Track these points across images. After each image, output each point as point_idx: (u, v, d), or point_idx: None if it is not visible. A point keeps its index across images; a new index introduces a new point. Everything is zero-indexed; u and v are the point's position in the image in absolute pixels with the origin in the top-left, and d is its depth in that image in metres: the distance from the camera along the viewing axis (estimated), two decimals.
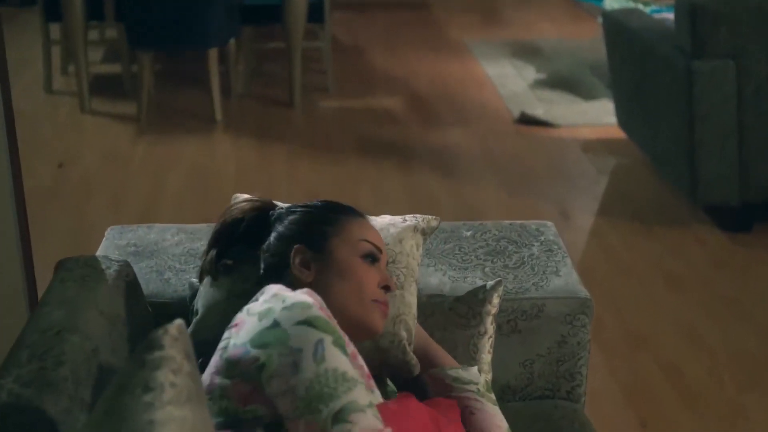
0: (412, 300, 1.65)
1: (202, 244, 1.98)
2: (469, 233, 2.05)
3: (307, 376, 1.22)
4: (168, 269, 1.90)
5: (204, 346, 1.61)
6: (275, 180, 4.10)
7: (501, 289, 1.74)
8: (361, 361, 1.35)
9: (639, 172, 4.19)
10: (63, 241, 3.55)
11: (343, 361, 1.26)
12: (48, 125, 4.85)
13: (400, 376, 1.62)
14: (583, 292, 1.86)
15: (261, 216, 1.64)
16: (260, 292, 1.39)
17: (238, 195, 1.80)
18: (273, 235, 1.56)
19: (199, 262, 1.91)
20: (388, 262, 1.64)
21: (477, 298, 1.72)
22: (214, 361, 1.34)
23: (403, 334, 1.60)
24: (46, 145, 4.53)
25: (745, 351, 2.87)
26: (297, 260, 1.51)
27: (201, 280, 1.67)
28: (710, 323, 3.01)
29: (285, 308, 1.30)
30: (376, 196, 3.95)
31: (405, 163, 4.29)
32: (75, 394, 1.37)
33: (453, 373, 1.61)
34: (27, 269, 2.46)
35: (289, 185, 4.04)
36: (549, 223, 2.11)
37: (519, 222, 2.11)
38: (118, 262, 1.71)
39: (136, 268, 1.88)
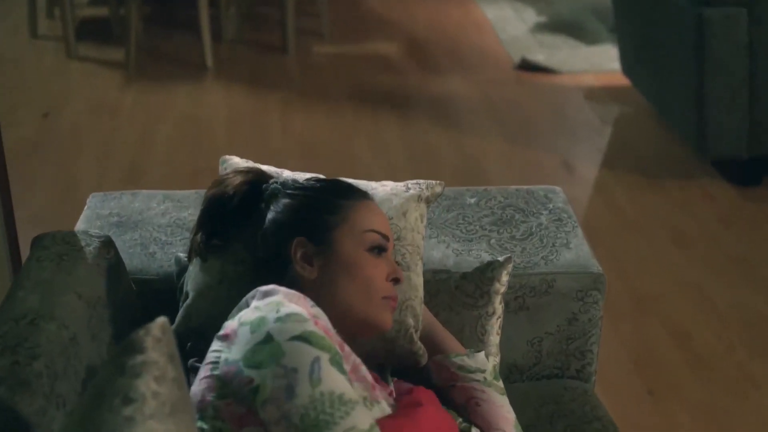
0: (419, 282, 1.53)
1: (190, 214, 1.87)
2: (473, 200, 1.93)
3: (302, 401, 1.12)
4: (153, 242, 1.78)
5: (195, 333, 1.50)
6: (268, 132, 3.96)
7: (510, 266, 1.62)
8: (364, 371, 1.25)
9: (644, 122, 4.06)
10: (47, 198, 3.43)
11: (341, 381, 1.15)
12: (32, 72, 4.69)
13: (406, 365, 1.52)
14: (596, 266, 1.75)
15: (253, 190, 1.51)
16: (251, 295, 1.28)
17: (227, 158, 1.68)
18: (269, 220, 1.43)
19: (187, 234, 1.80)
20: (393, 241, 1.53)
21: (485, 275, 1.61)
22: (205, 374, 1.23)
23: (410, 321, 1.50)
24: (31, 93, 4.37)
25: (754, 314, 2.78)
26: (298, 254, 1.39)
27: (190, 259, 1.55)
28: (719, 284, 2.91)
29: (278, 319, 1.19)
30: (373, 148, 3.82)
31: (403, 113, 4.15)
32: (51, 391, 1.27)
33: (458, 360, 1.50)
34: (8, 227, 2.34)
35: (283, 137, 3.91)
36: (557, 189, 2.00)
37: (525, 187, 1.99)
38: (98, 238, 1.59)
39: (119, 241, 1.77)
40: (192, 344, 1.55)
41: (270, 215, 1.44)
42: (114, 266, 1.58)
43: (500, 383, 1.51)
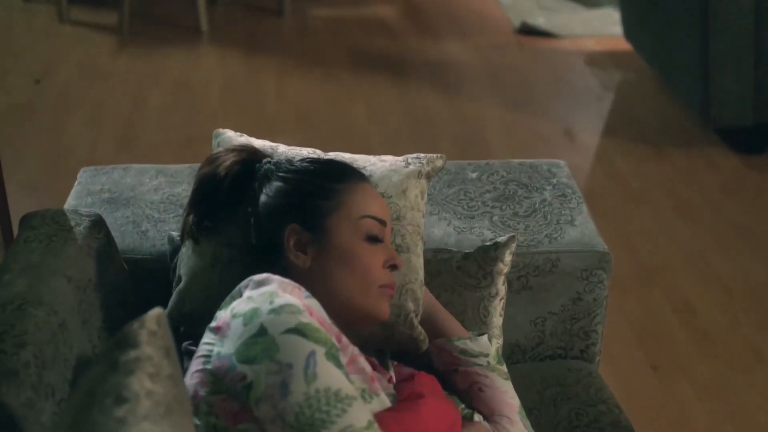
0: (419, 263, 1.48)
1: (183, 190, 1.81)
2: (474, 175, 1.87)
3: (297, 399, 1.07)
4: (146, 219, 1.73)
5: (188, 317, 1.46)
6: (263, 97, 3.89)
7: (514, 245, 1.57)
8: (362, 362, 1.20)
9: (646, 88, 3.99)
10: (39, 165, 3.37)
11: (337, 376, 1.10)
12: (23, 37, 4.60)
13: (406, 351, 1.47)
14: (601, 244, 1.70)
15: (245, 169, 1.45)
16: (244, 284, 1.23)
17: (220, 132, 1.61)
18: (262, 204, 1.38)
19: (180, 211, 1.74)
20: (392, 219, 1.47)
21: (488, 255, 1.56)
22: (197, 368, 1.18)
23: (410, 306, 1.45)
24: (22, 58, 4.29)
25: (760, 285, 2.73)
26: (291, 242, 1.34)
27: (183, 241, 1.49)
28: (723, 256, 2.86)
29: (272, 311, 1.14)
30: (370, 115, 3.75)
31: (401, 78, 4.08)
32: (39, 381, 1.22)
33: (460, 344, 1.46)
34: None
35: (278, 103, 3.83)
36: (561, 163, 1.94)
37: (529, 161, 1.93)
38: (88, 216, 1.54)
39: (110, 219, 1.72)
40: (186, 329, 1.51)
41: (262, 198, 1.39)
42: (105, 246, 1.53)
43: (504, 367, 1.47)
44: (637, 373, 2.39)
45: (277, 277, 1.24)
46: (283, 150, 1.56)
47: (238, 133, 1.62)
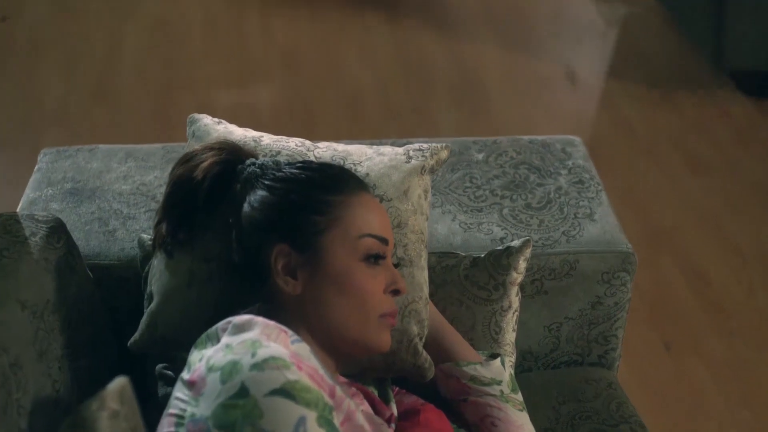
0: (423, 277, 1.30)
1: (156, 178, 1.62)
2: (480, 156, 1.68)
3: None
4: (113, 215, 1.54)
5: (162, 342, 1.28)
6: (247, 38, 3.64)
7: (529, 251, 1.39)
8: (360, 420, 1.04)
9: (653, 25, 3.76)
10: (7, 118, 3.15)
11: None
12: None
13: (409, 379, 1.31)
14: (624, 243, 1.52)
15: (226, 171, 1.26)
16: (222, 325, 1.06)
17: (196, 118, 1.42)
18: (245, 216, 1.19)
19: (153, 205, 1.56)
20: (392, 226, 1.29)
21: (499, 263, 1.38)
22: (168, 428, 1.01)
23: (414, 329, 1.27)
24: None
25: None
26: (279, 265, 1.15)
27: (154, 249, 1.31)
28: (737, 216, 2.69)
29: (255, 366, 0.97)
30: (361, 57, 3.52)
31: (393, 16, 3.83)
32: None
33: (470, 370, 1.29)
34: None
35: (263, 45, 3.59)
36: (576, 140, 1.75)
37: (540, 138, 1.74)
38: (46, 223, 1.35)
39: (73, 216, 1.53)
40: (159, 352, 1.34)
41: (245, 209, 1.20)
42: (65, 257, 1.35)
43: (519, 396, 1.31)
44: (650, 352, 2.24)
45: (260, 320, 1.07)
46: (267, 143, 1.37)
47: (216, 120, 1.43)
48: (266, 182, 1.21)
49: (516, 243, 1.39)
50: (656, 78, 3.39)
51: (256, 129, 1.41)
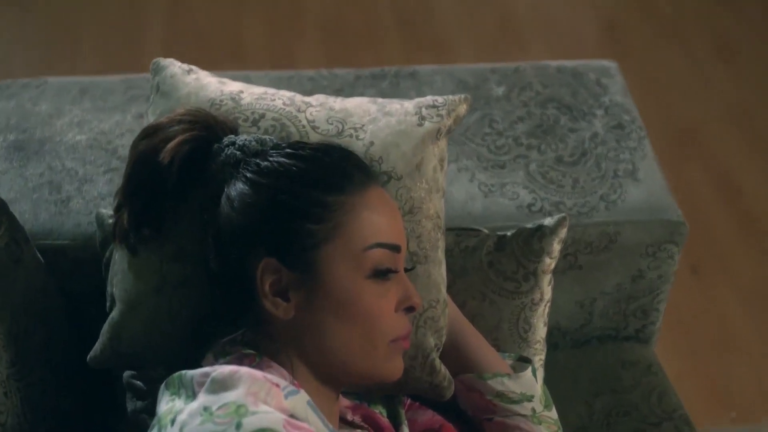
0: (441, 275, 1.08)
1: (116, 123, 1.36)
2: (501, 90, 1.43)
3: None
4: (66, 177, 1.29)
5: (127, 358, 1.07)
6: None
7: (565, 231, 1.16)
8: None
9: None
10: None
11: None
12: None
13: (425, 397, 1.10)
14: (674, 209, 1.29)
15: (199, 150, 1.01)
16: (199, 377, 0.87)
17: (161, 64, 1.16)
18: (224, 216, 0.95)
19: (115, 163, 1.31)
20: (403, 213, 1.06)
21: (530, 247, 1.15)
22: None
23: (431, 341, 1.06)
24: None
25: None
26: (267, 284, 0.92)
27: (114, 239, 1.07)
28: None
29: None
30: None
31: None
32: None
33: (496, 384, 1.08)
34: None
35: None
36: (612, 67, 1.49)
37: (570, 65, 1.48)
38: None
39: (18, 181, 1.29)
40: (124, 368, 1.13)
41: (224, 206, 0.95)
42: (6, 248, 1.11)
43: (553, 413, 1.11)
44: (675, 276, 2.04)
45: (245, 373, 0.85)
46: (249, 101, 1.11)
47: (186, 67, 1.16)
48: (248, 174, 0.96)
49: (550, 222, 1.16)
50: None
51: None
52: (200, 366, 0.96)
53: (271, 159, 0.96)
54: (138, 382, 1.14)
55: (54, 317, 1.18)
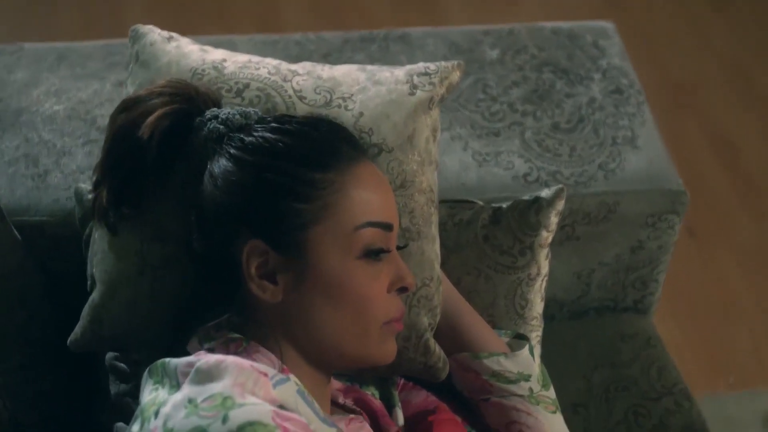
0: (435, 251, 1.04)
1: (95, 92, 1.31)
2: (494, 53, 1.38)
3: None
4: (44, 150, 1.24)
5: (109, 342, 1.03)
6: None
7: (562, 202, 1.12)
8: None
9: None
10: None
11: None
12: None
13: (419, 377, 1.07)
14: (675, 179, 1.25)
15: (180, 124, 0.96)
16: (183, 366, 0.83)
17: (141, 32, 1.10)
18: (207, 194, 0.90)
19: (95, 135, 1.26)
20: (395, 187, 1.02)
21: (527, 220, 1.11)
22: None
23: (424, 321, 1.02)
24: None
25: None
26: (253, 267, 0.88)
27: (93, 217, 1.02)
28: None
29: None
30: None
31: None
32: None
33: (492, 363, 1.05)
34: None
35: None
36: (609, 28, 1.44)
37: (566, 26, 1.43)
38: None
39: None
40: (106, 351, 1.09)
41: (207, 184, 0.91)
42: None
43: (551, 392, 1.07)
44: None
45: (232, 362, 0.82)
46: (232, 70, 1.06)
47: (167, 34, 1.11)
48: (232, 151, 0.91)
49: (547, 193, 1.11)
50: None
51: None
52: (185, 350, 0.92)
53: (256, 134, 0.91)
54: (121, 364, 1.11)
55: (33, 297, 1.14)
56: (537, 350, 1.12)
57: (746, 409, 1.70)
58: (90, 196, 1.09)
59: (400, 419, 1.04)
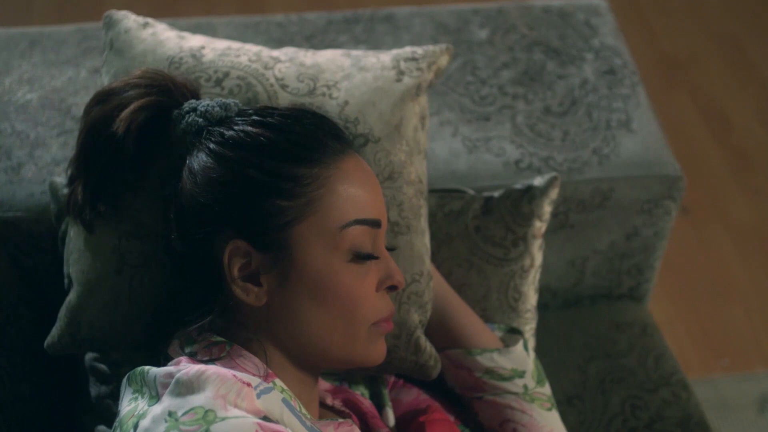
0: (425, 244, 1.00)
1: (69, 80, 1.26)
2: (484, 34, 1.33)
3: None
4: (17, 142, 1.19)
5: (87, 344, 0.99)
6: None
7: (556, 191, 1.08)
8: None
9: None
10: None
11: None
12: None
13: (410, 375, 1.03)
14: (671, 162, 1.21)
15: (156, 119, 0.92)
16: (162, 377, 0.80)
17: (114, 18, 1.06)
18: (186, 192, 0.85)
19: (70, 126, 1.21)
20: (382, 179, 0.98)
21: (519, 211, 1.07)
22: None
23: (415, 318, 0.98)
24: None
25: None
26: (235, 268, 0.83)
27: (68, 212, 0.98)
28: (761, 40, 2.35)
29: None
30: None
31: None
32: None
33: (485, 360, 1.01)
34: None
35: None
36: (602, 5, 1.39)
37: (557, 5, 1.38)
38: None
39: None
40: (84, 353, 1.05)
41: (186, 180, 0.87)
42: None
43: (546, 388, 1.04)
44: None
45: (213, 373, 0.78)
46: (211, 58, 1.01)
47: (142, 19, 1.06)
48: (212, 146, 0.87)
49: (540, 182, 1.08)
50: None
51: None
52: (166, 354, 0.88)
53: (236, 128, 0.87)
54: (101, 365, 1.06)
55: (9, 296, 1.09)
56: (531, 344, 1.08)
57: (741, 391, 1.67)
58: (65, 191, 1.05)
59: (391, 420, 1.01)
